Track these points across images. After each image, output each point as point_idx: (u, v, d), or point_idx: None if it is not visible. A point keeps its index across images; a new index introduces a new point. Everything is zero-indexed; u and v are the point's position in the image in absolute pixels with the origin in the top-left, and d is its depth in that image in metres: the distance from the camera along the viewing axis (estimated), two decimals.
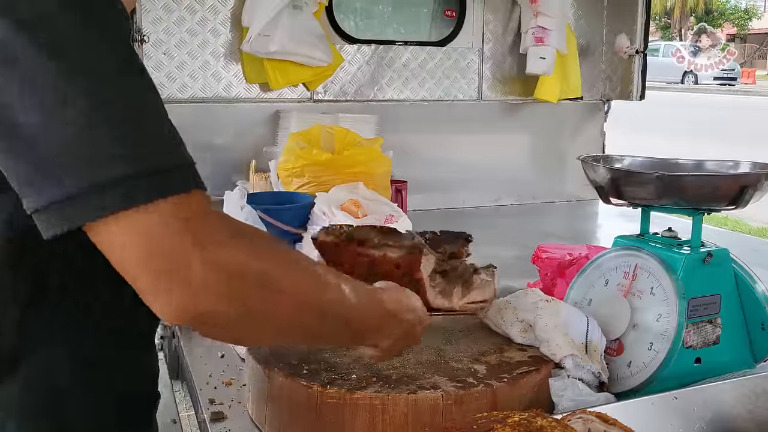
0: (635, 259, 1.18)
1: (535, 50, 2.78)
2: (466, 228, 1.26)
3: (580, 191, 3.01)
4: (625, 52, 2.98)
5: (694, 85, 25.45)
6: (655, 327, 1.12)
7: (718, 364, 1.13)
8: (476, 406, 0.95)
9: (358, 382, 0.98)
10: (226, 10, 2.49)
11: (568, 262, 1.50)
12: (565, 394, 1.02)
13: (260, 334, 0.76)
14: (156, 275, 0.64)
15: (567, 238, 2.33)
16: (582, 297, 1.24)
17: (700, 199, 1.14)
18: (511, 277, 1.67)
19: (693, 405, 0.99)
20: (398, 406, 0.94)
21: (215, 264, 0.65)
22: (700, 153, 5.62)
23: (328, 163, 2.20)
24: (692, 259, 1.13)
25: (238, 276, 0.67)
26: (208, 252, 0.65)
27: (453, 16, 2.89)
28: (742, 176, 1.20)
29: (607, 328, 1.17)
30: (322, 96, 2.66)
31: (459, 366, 1.05)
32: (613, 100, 3.11)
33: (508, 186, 2.98)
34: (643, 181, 1.15)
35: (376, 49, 2.74)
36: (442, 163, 2.84)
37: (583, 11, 3.02)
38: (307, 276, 0.77)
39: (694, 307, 1.11)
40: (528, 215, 2.89)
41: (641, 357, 1.12)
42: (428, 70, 2.83)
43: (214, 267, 0.65)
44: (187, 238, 0.65)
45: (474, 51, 2.89)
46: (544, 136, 3.04)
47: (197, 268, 0.64)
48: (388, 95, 2.78)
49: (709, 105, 18.62)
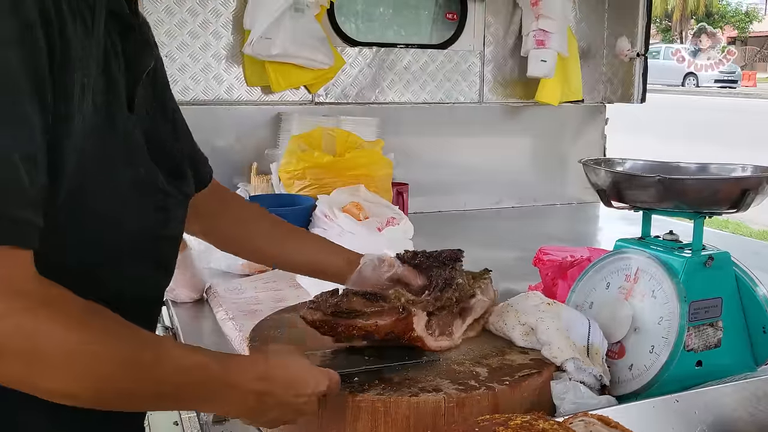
0: (636, 262, 1.18)
1: (536, 53, 2.79)
2: (468, 230, 1.27)
3: (581, 194, 3.01)
4: (626, 55, 2.99)
5: (695, 87, 25.46)
6: (657, 330, 1.12)
7: (719, 367, 1.13)
8: (478, 409, 0.96)
9: (361, 384, 0.99)
10: (227, 12, 2.49)
11: (569, 264, 1.50)
12: (567, 397, 1.02)
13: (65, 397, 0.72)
14: None
15: (568, 241, 2.33)
16: (583, 300, 1.24)
17: (701, 202, 1.14)
18: (512, 279, 1.68)
19: (694, 408, 0.99)
20: (400, 408, 0.94)
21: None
22: (699, 156, 5.62)
23: (329, 166, 2.20)
24: (693, 263, 1.13)
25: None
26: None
27: (454, 19, 2.90)
28: (744, 179, 1.20)
29: (608, 330, 1.17)
30: (323, 98, 2.67)
31: (461, 369, 1.05)
32: (614, 103, 3.11)
33: (509, 189, 2.98)
34: (645, 185, 1.15)
35: (377, 52, 2.75)
36: (443, 165, 2.85)
37: (584, 14, 3.02)
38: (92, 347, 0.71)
39: (696, 310, 1.12)
40: (529, 218, 2.89)
41: (642, 360, 1.13)
42: (429, 72, 2.83)
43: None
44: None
45: (475, 54, 2.89)
46: (545, 139, 3.05)
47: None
48: (389, 98, 2.78)
49: (709, 108, 18.61)
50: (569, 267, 1.50)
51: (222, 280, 1.73)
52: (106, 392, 0.73)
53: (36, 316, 0.67)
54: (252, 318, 1.35)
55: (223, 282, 1.71)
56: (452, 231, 2.55)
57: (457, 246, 1.23)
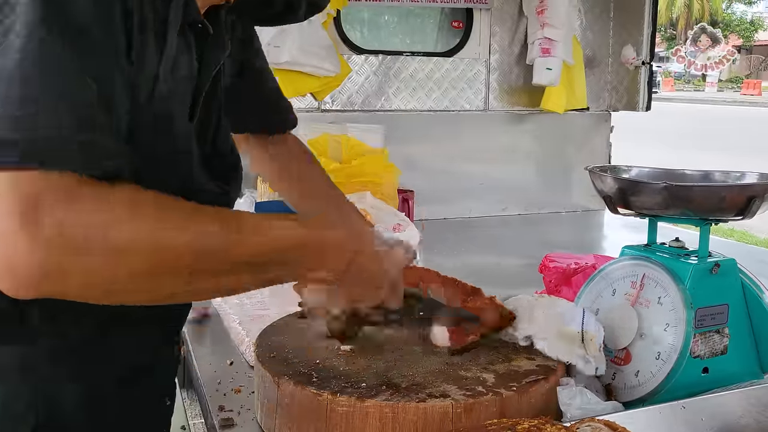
0: (643, 268, 1.18)
1: (542, 61, 2.80)
2: (473, 238, 1.28)
3: (586, 201, 3.01)
4: (631, 63, 3.00)
5: (699, 94, 25.48)
6: (663, 336, 1.12)
7: (725, 374, 1.13)
8: (485, 414, 0.96)
9: (368, 390, 0.99)
10: None
11: (573, 271, 1.51)
12: (574, 402, 1.02)
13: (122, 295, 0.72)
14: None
15: (574, 248, 2.33)
16: (589, 306, 1.25)
17: (707, 209, 1.15)
18: (517, 286, 1.68)
19: (701, 414, 0.99)
20: (408, 414, 0.95)
21: (40, 245, 0.63)
22: (704, 164, 5.62)
23: (335, 173, 2.20)
24: (700, 269, 1.14)
25: (69, 251, 0.64)
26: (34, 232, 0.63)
27: (460, 27, 2.91)
28: (750, 187, 1.20)
29: (614, 337, 1.17)
30: (329, 106, 2.68)
31: (468, 374, 1.05)
32: (620, 111, 3.12)
33: (515, 196, 2.99)
34: (651, 191, 1.15)
35: (383, 60, 2.76)
36: (448, 173, 2.85)
37: (589, 22, 3.03)
38: (151, 224, 0.71)
39: (702, 316, 1.12)
40: (534, 225, 2.89)
41: (649, 366, 1.13)
42: (435, 80, 2.84)
43: (40, 248, 0.63)
44: (14, 218, 0.62)
45: (481, 62, 2.91)
46: (550, 147, 3.05)
47: (23, 249, 0.62)
48: (395, 105, 2.79)
49: (713, 116, 18.60)
50: (573, 274, 1.50)
51: None
52: (200, 276, 0.74)
53: (115, 216, 0.67)
54: (259, 323, 1.35)
55: None
56: (457, 238, 2.55)
57: (462, 250, 1.23)
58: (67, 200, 0.64)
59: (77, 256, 0.65)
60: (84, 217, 0.65)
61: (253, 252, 0.78)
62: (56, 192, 0.64)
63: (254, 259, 0.78)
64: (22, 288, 0.64)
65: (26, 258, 0.62)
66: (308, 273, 0.87)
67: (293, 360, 1.08)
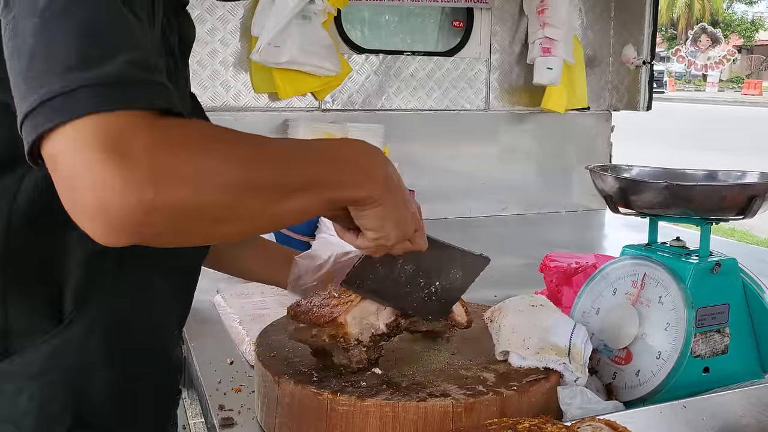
0: (643, 268, 1.18)
1: (543, 61, 2.80)
2: (473, 237, 1.27)
3: (586, 201, 3.01)
4: (632, 62, 2.99)
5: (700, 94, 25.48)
6: (664, 336, 1.12)
7: (726, 374, 1.13)
8: (486, 414, 0.96)
9: (369, 389, 0.99)
10: (235, 20, 2.51)
11: (573, 270, 1.50)
12: (574, 402, 1.02)
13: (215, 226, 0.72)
14: (71, 201, 0.64)
15: (574, 248, 2.33)
16: (590, 306, 1.25)
17: (708, 208, 1.15)
18: (517, 286, 1.68)
19: (702, 414, 0.99)
20: (408, 413, 0.95)
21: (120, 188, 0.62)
22: (704, 164, 5.63)
23: None
24: (700, 269, 1.14)
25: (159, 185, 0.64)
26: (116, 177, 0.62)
27: (460, 27, 2.91)
28: (751, 186, 1.20)
29: (615, 336, 1.17)
30: (330, 105, 2.68)
31: (468, 374, 1.05)
32: (620, 110, 3.11)
33: (515, 195, 2.98)
34: (652, 191, 1.15)
35: (383, 59, 2.76)
36: (448, 172, 2.85)
37: (590, 22, 3.03)
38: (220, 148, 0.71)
39: (703, 316, 1.12)
40: (534, 225, 2.89)
41: (649, 366, 1.13)
42: (436, 79, 2.84)
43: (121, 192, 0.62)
44: (104, 162, 0.62)
45: (481, 61, 2.90)
46: (550, 146, 3.05)
47: (113, 193, 0.62)
48: (395, 105, 2.79)
49: (714, 116, 18.60)
50: (574, 274, 1.50)
51: (228, 284, 1.74)
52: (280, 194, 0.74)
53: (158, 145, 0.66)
54: (259, 322, 1.35)
55: (229, 286, 1.71)
56: (457, 238, 2.53)
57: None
58: (152, 134, 0.64)
59: (171, 188, 0.64)
60: (172, 149, 0.65)
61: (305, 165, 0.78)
62: (139, 128, 0.64)
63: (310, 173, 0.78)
64: (115, 231, 0.64)
65: (120, 198, 0.62)
66: (352, 187, 0.84)
67: (293, 359, 1.08)
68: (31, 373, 0.82)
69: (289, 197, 0.75)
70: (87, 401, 0.86)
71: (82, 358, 0.84)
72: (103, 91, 0.64)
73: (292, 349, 1.12)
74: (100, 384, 0.87)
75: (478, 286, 1.18)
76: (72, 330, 0.83)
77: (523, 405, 1.00)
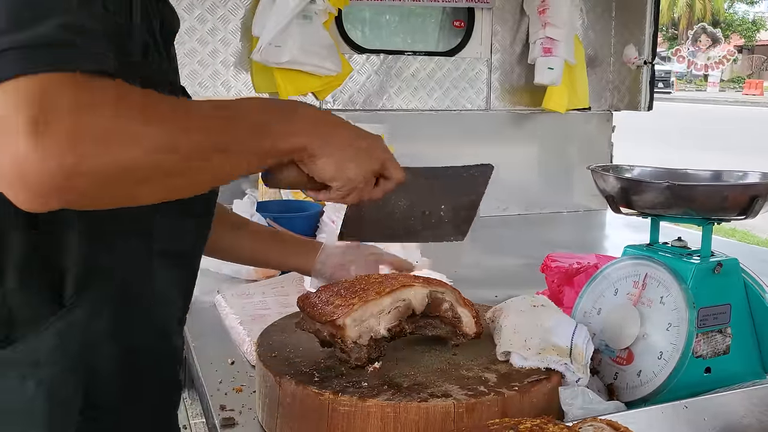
0: (645, 268, 1.18)
1: (544, 61, 2.80)
2: (474, 237, 1.26)
3: (587, 201, 3.01)
4: (633, 62, 2.99)
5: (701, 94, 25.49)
6: (665, 336, 1.12)
7: (728, 374, 1.13)
8: (487, 414, 0.96)
9: (370, 389, 0.99)
10: (236, 19, 2.51)
11: (575, 270, 1.50)
12: (575, 402, 1.02)
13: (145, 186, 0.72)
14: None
15: (575, 248, 2.33)
16: (591, 306, 1.25)
17: (710, 208, 1.14)
18: (519, 286, 1.68)
19: (703, 414, 0.99)
20: (410, 414, 0.95)
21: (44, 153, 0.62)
22: (705, 164, 5.63)
23: None
24: (702, 269, 1.13)
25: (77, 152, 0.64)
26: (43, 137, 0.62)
27: (461, 27, 2.91)
28: (753, 186, 1.20)
29: (616, 337, 1.17)
30: (331, 105, 2.68)
31: (469, 374, 1.05)
32: (621, 110, 3.11)
33: (516, 196, 2.98)
34: (654, 191, 1.15)
35: (384, 59, 2.76)
36: None
37: (591, 22, 3.03)
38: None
39: (704, 316, 1.12)
40: (535, 225, 2.89)
41: (651, 366, 1.13)
42: (436, 79, 2.84)
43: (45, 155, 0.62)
44: (25, 126, 0.62)
45: (482, 61, 2.90)
46: (551, 147, 3.05)
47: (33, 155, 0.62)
48: (396, 105, 2.79)
49: (715, 116, 18.59)
50: (575, 274, 1.50)
51: (229, 284, 1.74)
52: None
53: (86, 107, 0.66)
54: (260, 322, 1.35)
55: (230, 287, 1.71)
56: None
57: (463, 250, 1.22)
58: (77, 96, 0.64)
59: (92, 151, 0.64)
60: (97, 110, 0.65)
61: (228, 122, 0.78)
62: (65, 89, 0.64)
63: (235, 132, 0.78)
64: (37, 197, 0.64)
65: (39, 164, 0.62)
66: (281, 137, 0.84)
67: (295, 360, 1.08)
68: (35, 359, 0.81)
69: (210, 157, 0.75)
70: (95, 383, 0.86)
71: (86, 341, 0.84)
72: (32, 52, 0.64)
73: (293, 349, 1.12)
74: (107, 360, 0.86)
75: (479, 286, 1.18)
76: (75, 313, 0.83)
77: (524, 405, 0.99)
